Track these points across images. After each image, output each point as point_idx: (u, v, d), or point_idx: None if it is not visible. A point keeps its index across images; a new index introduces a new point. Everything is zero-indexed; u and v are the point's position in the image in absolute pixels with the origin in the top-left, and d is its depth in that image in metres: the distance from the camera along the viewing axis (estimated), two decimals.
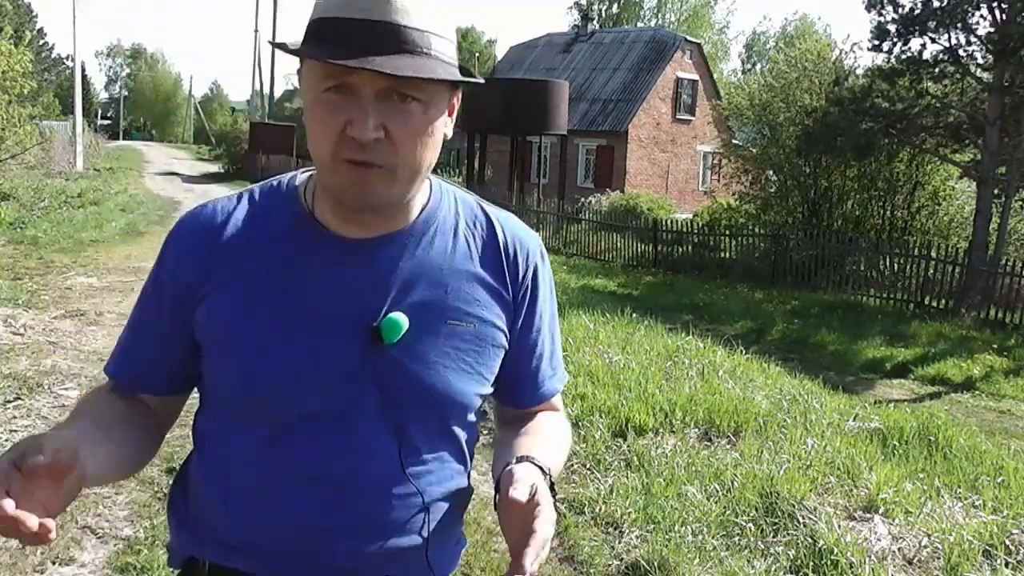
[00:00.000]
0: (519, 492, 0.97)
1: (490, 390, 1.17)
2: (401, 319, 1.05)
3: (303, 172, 1.16)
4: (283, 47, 1.03)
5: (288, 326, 1.05)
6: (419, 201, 1.11)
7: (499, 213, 1.20)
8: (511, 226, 1.19)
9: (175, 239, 1.12)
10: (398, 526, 1.09)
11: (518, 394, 1.25)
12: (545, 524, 0.97)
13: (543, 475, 1.05)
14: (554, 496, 1.04)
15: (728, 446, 4.37)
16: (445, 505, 1.14)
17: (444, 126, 1.05)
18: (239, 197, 1.14)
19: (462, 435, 1.16)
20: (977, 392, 9.07)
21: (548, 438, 1.20)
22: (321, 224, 1.08)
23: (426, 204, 1.13)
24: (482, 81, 1.11)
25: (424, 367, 1.07)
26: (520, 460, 1.06)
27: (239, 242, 1.08)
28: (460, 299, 1.11)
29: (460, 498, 1.19)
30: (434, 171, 1.14)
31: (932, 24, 14.42)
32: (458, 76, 1.02)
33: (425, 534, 1.11)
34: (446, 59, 1.01)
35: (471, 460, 1.21)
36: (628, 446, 4.26)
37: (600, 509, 3.58)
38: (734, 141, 20.91)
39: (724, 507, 3.51)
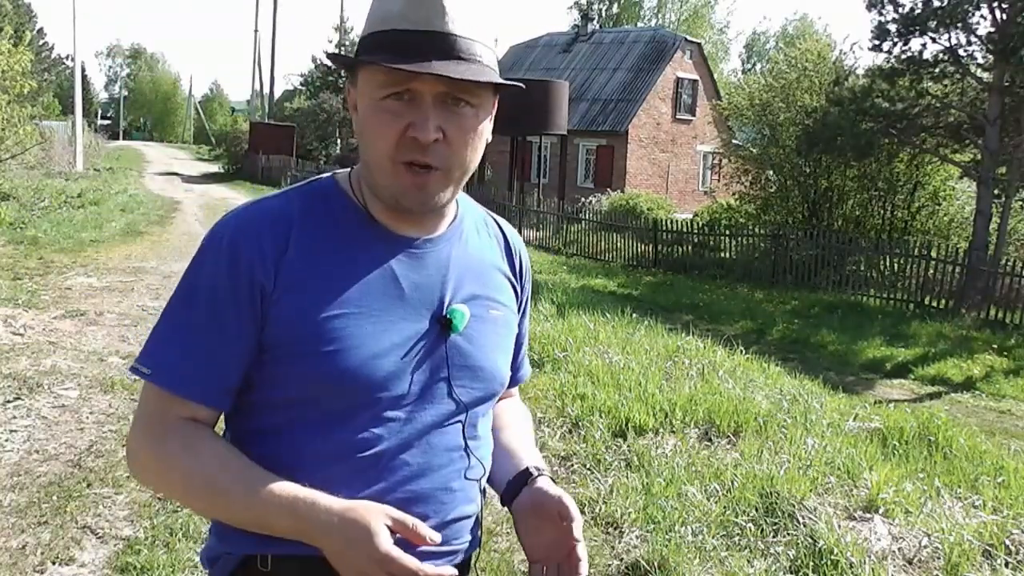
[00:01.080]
0: (573, 509, 1.15)
1: None
2: (464, 309, 1.16)
3: (335, 174, 1.20)
4: (344, 59, 1.13)
5: (375, 320, 1.10)
6: (455, 203, 1.22)
7: (495, 216, 1.35)
8: (510, 229, 1.35)
9: (244, 236, 1.10)
10: (465, 494, 1.19)
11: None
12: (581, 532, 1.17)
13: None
14: None
15: (728, 446, 4.37)
16: (486, 475, 1.24)
17: (488, 129, 1.14)
18: (286, 198, 1.16)
19: (494, 410, 1.30)
20: (977, 392, 9.07)
21: (527, 433, 1.37)
22: (379, 222, 1.15)
23: (457, 205, 1.24)
24: (523, 86, 1.20)
25: (482, 351, 1.19)
26: (538, 472, 1.23)
27: (307, 241, 1.11)
28: (493, 289, 1.24)
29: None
30: None
31: (932, 24, 14.42)
32: (504, 81, 1.11)
33: (481, 501, 1.23)
34: (491, 65, 1.10)
35: None
36: (628, 446, 4.26)
37: (600, 509, 3.58)
38: (734, 141, 20.92)
39: (724, 507, 3.51)
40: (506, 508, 1.24)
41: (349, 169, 1.20)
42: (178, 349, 1.09)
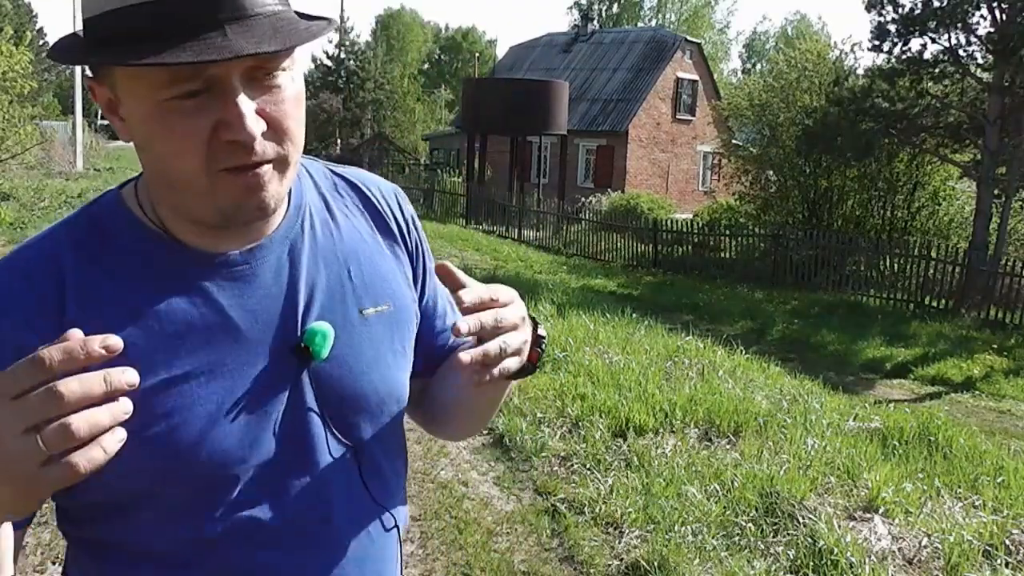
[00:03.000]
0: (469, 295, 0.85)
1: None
2: (326, 328, 0.88)
3: (119, 189, 0.90)
4: (84, 60, 0.78)
5: (204, 380, 0.83)
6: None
7: (351, 170, 1.04)
8: (371, 180, 1.04)
9: (4, 298, 0.81)
10: (380, 559, 0.97)
11: (433, 358, 1.07)
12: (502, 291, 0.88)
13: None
14: (541, 343, 0.95)
15: (728, 446, 4.37)
16: (403, 523, 1.01)
17: (303, 83, 0.86)
18: (52, 236, 0.86)
19: (403, 426, 1.02)
20: (977, 392, 9.07)
21: None
22: (185, 244, 0.86)
23: (290, 189, 0.93)
24: (332, 25, 0.85)
25: (360, 372, 0.91)
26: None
27: (89, 291, 0.82)
28: (365, 280, 0.95)
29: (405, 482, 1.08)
30: (433, 171, 1.03)
31: (932, 24, 14.44)
32: (327, 25, 0.83)
33: (399, 555, 1.01)
34: (285, 7, 0.80)
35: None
36: (628, 446, 4.26)
37: (600, 509, 3.58)
38: (734, 141, 20.94)
39: (724, 507, 3.51)
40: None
41: (132, 181, 0.90)
42: None
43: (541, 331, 0.96)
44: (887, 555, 3.15)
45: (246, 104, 0.77)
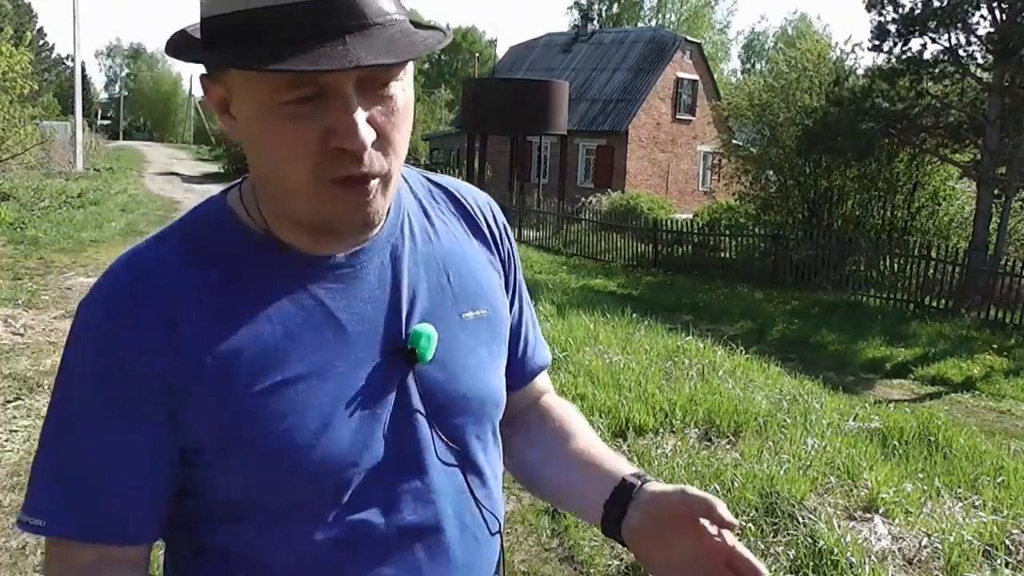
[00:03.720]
0: (722, 508, 0.87)
1: None
2: (430, 330, 0.88)
3: (226, 194, 0.91)
4: (202, 59, 0.79)
5: (316, 382, 0.83)
6: None
7: (446, 179, 1.04)
8: (466, 188, 1.04)
9: (113, 321, 0.80)
10: (487, 564, 0.96)
11: (515, 373, 1.05)
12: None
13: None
14: None
15: (728, 446, 4.37)
16: (502, 524, 1.00)
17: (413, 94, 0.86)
18: (161, 243, 0.86)
19: (497, 430, 1.01)
20: (977, 392, 9.07)
21: (589, 434, 1.08)
22: (292, 248, 0.86)
23: None
24: (449, 38, 0.85)
25: (464, 374, 0.92)
26: (641, 480, 0.96)
27: (202, 299, 0.82)
28: (464, 285, 0.95)
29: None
30: (433, 171, 1.06)
31: (932, 24, 14.44)
32: (439, 36, 0.82)
33: (502, 560, 0.99)
34: (403, 16, 0.80)
35: None
36: (628, 446, 4.26)
37: None
38: (734, 141, 20.94)
39: None
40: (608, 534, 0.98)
41: (236, 186, 0.91)
42: (68, 484, 0.81)
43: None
44: (887, 555, 3.15)
45: (359, 113, 0.76)
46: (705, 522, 0.87)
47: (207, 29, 0.78)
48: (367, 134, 0.76)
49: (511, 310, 1.04)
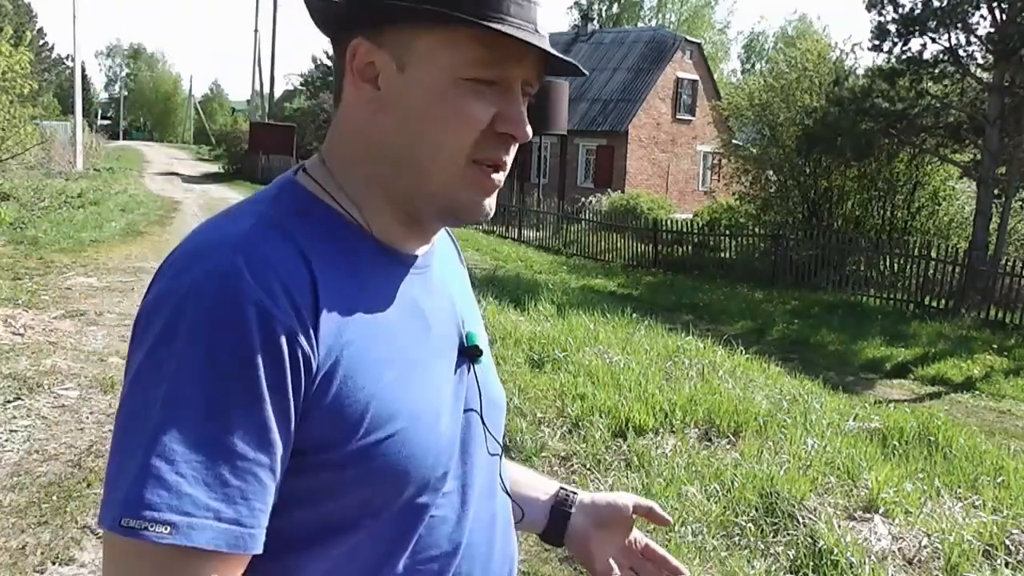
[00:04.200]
0: (663, 512, 1.09)
1: None
2: (479, 331, 0.94)
3: (294, 177, 0.85)
4: (455, 14, 0.76)
5: (420, 372, 0.83)
6: None
7: None
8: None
9: (267, 292, 0.71)
10: (514, 554, 1.00)
11: None
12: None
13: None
14: None
15: (728, 446, 4.37)
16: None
17: None
18: (273, 220, 0.78)
19: None
20: (977, 392, 9.07)
21: (516, 464, 1.18)
22: (384, 241, 0.84)
23: None
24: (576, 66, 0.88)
25: (495, 377, 0.98)
26: (572, 492, 1.12)
27: (334, 282, 0.77)
28: (471, 301, 1.01)
29: None
30: None
31: (932, 24, 14.44)
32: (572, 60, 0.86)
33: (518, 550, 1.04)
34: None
35: None
36: (628, 446, 4.26)
37: None
38: (734, 141, 20.94)
39: (724, 507, 3.51)
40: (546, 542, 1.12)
41: (299, 169, 0.86)
42: (206, 482, 0.67)
43: None
44: (887, 555, 3.15)
45: (522, 104, 0.82)
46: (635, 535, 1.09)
47: None
48: (528, 130, 0.82)
49: None
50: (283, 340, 0.70)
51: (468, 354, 0.90)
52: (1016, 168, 13.89)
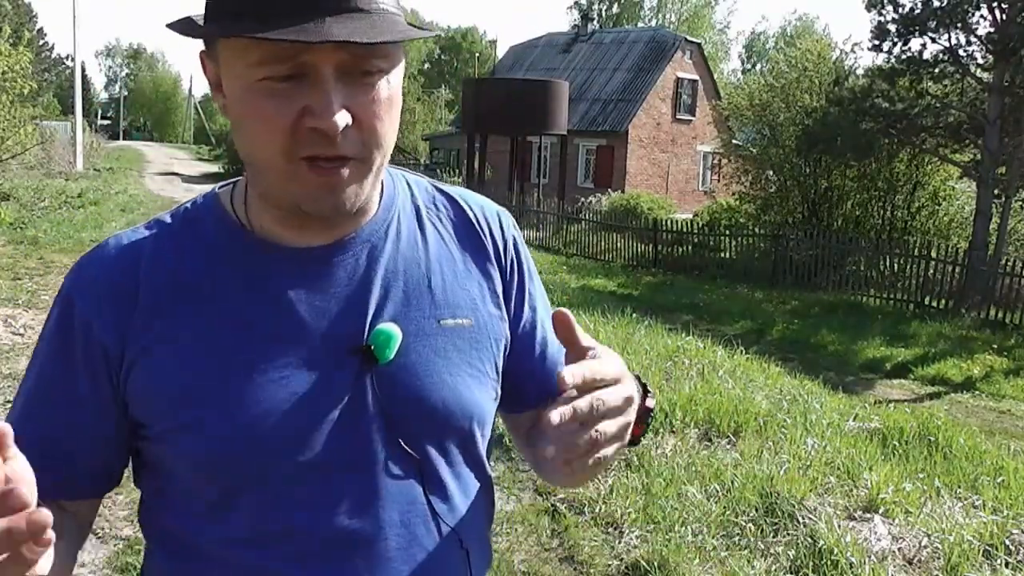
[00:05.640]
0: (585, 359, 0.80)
1: (498, 393, 0.98)
2: (392, 330, 0.86)
3: (217, 189, 0.94)
4: (188, 30, 0.82)
5: (260, 371, 0.84)
6: (375, 191, 0.92)
7: (458, 189, 1.03)
8: (476, 199, 1.02)
9: (78, 290, 0.87)
10: None
11: (527, 391, 1.01)
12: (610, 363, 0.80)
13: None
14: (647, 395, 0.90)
15: (728, 446, 4.37)
16: (480, 539, 0.97)
17: (400, 90, 0.86)
18: (149, 226, 0.91)
19: (482, 452, 0.97)
20: (977, 392, 9.07)
21: None
22: (264, 238, 0.88)
23: (381, 193, 0.94)
24: (434, 33, 0.93)
25: (429, 379, 0.88)
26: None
27: (167, 280, 0.86)
28: (447, 291, 0.93)
29: (490, 522, 1.02)
30: (433, 171, 1.04)
31: (932, 24, 14.44)
32: (424, 32, 0.85)
33: None
34: (395, 8, 0.81)
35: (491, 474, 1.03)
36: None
37: (600, 509, 3.58)
38: (734, 141, 20.94)
39: (724, 507, 3.51)
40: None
41: (234, 181, 0.94)
42: (22, 433, 0.76)
43: (650, 402, 0.91)
44: (887, 555, 3.15)
45: (334, 95, 0.78)
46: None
47: (208, 7, 0.82)
48: (340, 116, 0.78)
49: (520, 319, 1.01)
50: (79, 328, 0.86)
51: (361, 353, 0.86)
52: (1016, 168, 13.88)
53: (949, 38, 14.55)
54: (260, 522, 0.85)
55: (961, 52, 14.56)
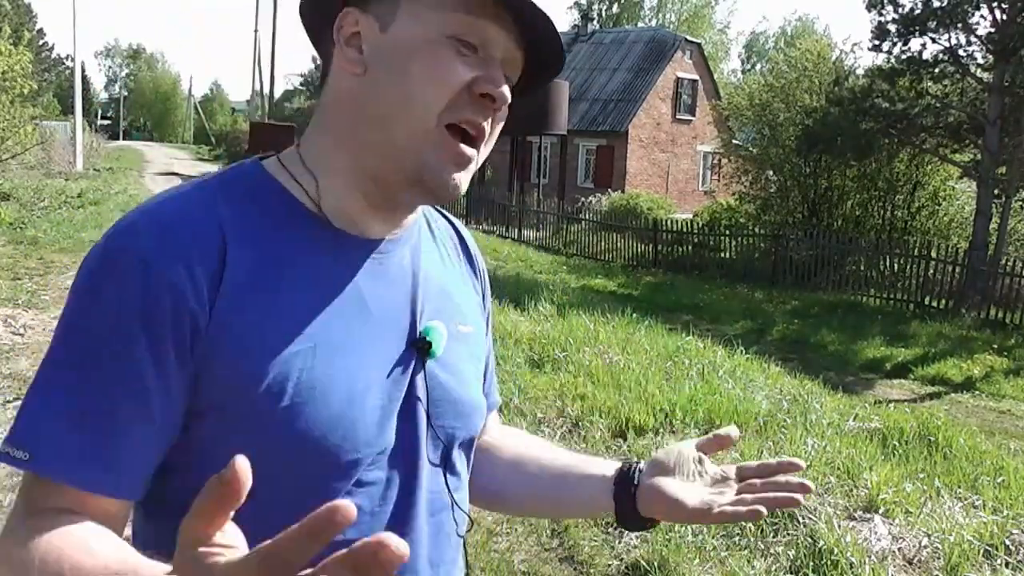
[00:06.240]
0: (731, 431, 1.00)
1: None
2: (440, 327, 0.89)
3: (260, 159, 0.89)
4: None
5: (345, 353, 0.82)
6: None
7: (439, 208, 1.04)
8: (457, 221, 1.07)
9: (163, 252, 0.75)
10: (454, 561, 0.96)
11: None
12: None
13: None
14: None
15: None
16: (471, 528, 1.02)
17: None
18: (206, 194, 0.82)
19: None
20: (977, 392, 9.07)
21: (556, 449, 1.12)
22: (334, 220, 0.86)
23: None
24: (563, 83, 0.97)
25: (461, 379, 0.93)
26: (633, 463, 1.02)
27: (253, 252, 0.80)
28: (460, 299, 0.97)
29: None
30: None
31: (932, 24, 14.44)
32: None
33: (464, 566, 0.99)
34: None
35: None
36: (628, 446, 4.26)
37: None
38: (734, 141, 20.95)
39: None
40: (624, 522, 1.00)
41: (271, 156, 0.89)
42: (68, 421, 0.73)
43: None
44: (887, 555, 3.15)
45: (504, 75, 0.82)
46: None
47: None
48: (507, 91, 0.82)
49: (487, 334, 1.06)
50: (166, 294, 0.74)
51: (418, 347, 0.87)
52: (1016, 168, 13.88)
53: (949, 38, 14.56)
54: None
55: (961, 52, 14.58)
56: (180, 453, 0.78)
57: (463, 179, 0.84)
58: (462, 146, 0.82)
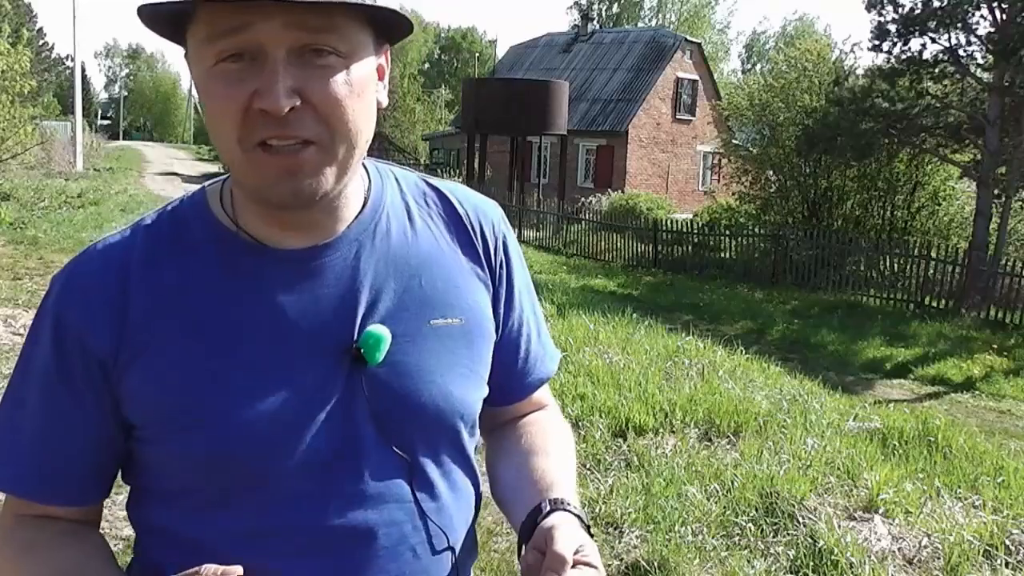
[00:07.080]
0: (563, 547, 0.82)
1: (487, 390, 0.99)
2: (382, 332, 0.86)
3: (206, 187, 0.94)
4: (153, 8, 0.77)
5: (254, 373, 0.84)
6: (359, 188, 0.91)
7: (449, 184, 1.02)
8: (467, 196, 1.01)
9: (68, 298, 0.86)
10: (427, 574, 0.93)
11: (509, 387, 1.05)
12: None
13: (581, 523, 0.90)
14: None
15: (728, 446, 4.37)
16: (467, 533, 0.98)
17: (375, 90, 0.84)
18: (133, 230, 0.89)
19: (470, 448, 0.98)
20: (977, 392, 9.07)
21: (560, 457, 1.03)
22: (253, 239, 0.86)
23: (368, 190, 0.92)
24: (409, 21, 0.86)
25: (419, 381, 0.89)
26: (553, 507, 0.91)
27: (157, 284, 0.85)
28: (438, 290, 0.92)
29: (476, 513, 1.02)
30: (434, 171, 1.04)
31: (932, 24, 14.44)
32: (388, 2, 0.82)
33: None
34: None
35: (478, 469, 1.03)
36: (628, 446, 4.26)
37: (600, 509, 3.58)
38: (734, 141, 20.94)
39: (724, 507, 3.51)
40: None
41: (223, 178, 0.92)
42: (12, 439, 0.89)
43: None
44: (887, 555, 3.15)
45: (284, 75, 0.76)
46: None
47: None
48: (286, 97, 0.76)
49: (506, 323, 1.01)
50: (74, 343, 0.85)
51: (351, 355, 0.86)
52: (1016, 168, 13.88)
53: (949, 38, 14.56)
54: (256, 519, 0.85)
55: (961, 52, 14.57)
56: (137, 455, 0.89)
57: (309, 179, 0.79)
58: (273, 156, 0.78)
